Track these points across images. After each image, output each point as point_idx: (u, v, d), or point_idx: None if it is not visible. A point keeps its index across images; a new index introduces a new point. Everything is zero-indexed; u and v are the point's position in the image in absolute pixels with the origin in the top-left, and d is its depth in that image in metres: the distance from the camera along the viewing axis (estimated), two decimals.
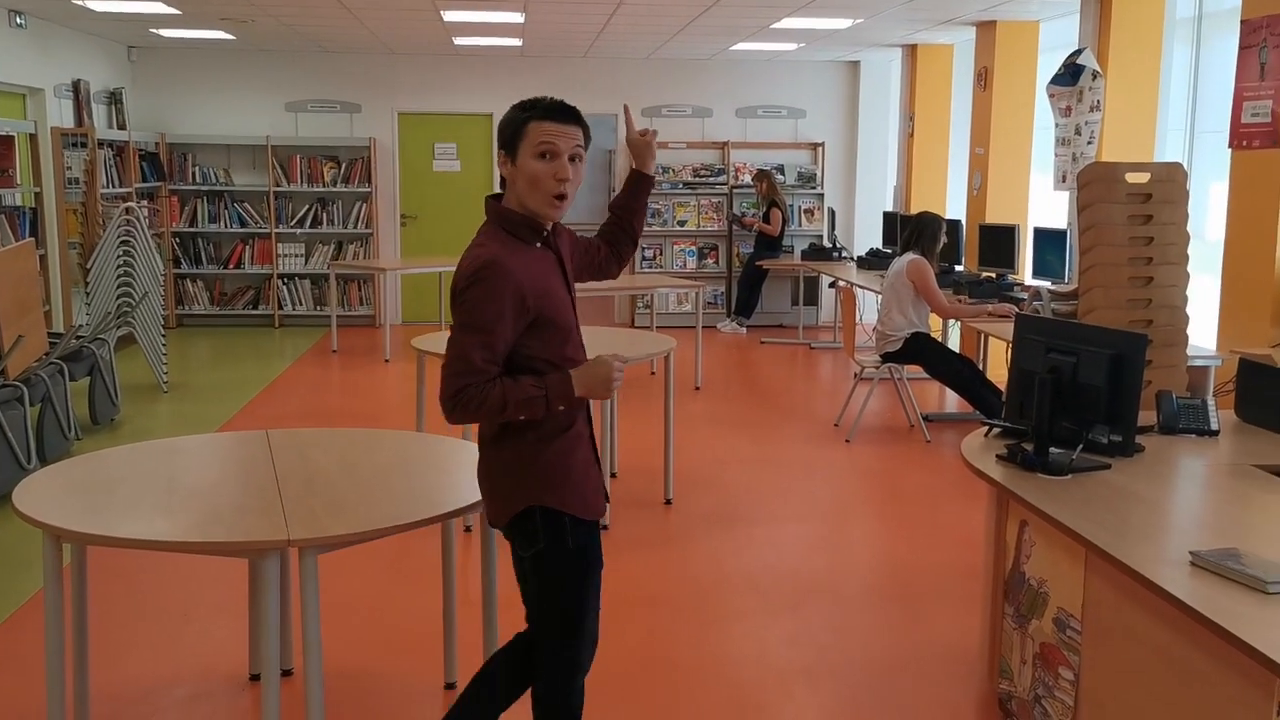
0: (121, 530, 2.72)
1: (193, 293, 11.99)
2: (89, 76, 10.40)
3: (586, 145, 2.66)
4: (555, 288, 2.63)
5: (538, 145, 2.55)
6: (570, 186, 2.58)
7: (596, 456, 2.75)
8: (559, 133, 2.58)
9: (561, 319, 2.63)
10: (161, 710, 3.62)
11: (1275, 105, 5.32)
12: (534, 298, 2.54)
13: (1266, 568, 2.38)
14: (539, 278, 2.58)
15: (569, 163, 2.58)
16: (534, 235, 2.64)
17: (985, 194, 9.26)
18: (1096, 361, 3.22)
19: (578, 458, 2.68)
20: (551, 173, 2.56)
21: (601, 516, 2.75)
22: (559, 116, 2.60)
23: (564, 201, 2.59)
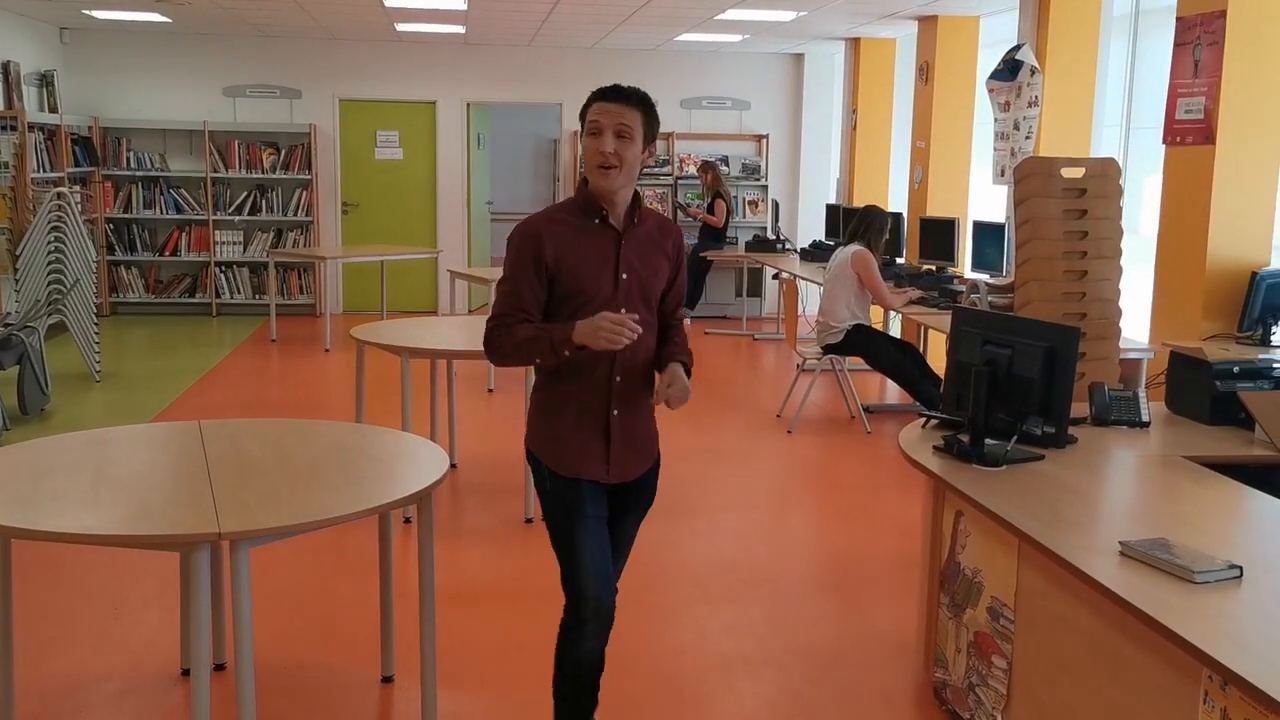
0: (47, 523, 2.66)
1: (127, 280, 11.77)
2: (19, 58, 10.15)
3: (649, 128, 2.83)
4: (590, 259, 2.83)
5: (589, 124, 2.81)
6: (615, 158, 2.77)
7: (608, 432, 2.91)
8: (604, 110, 2.80)
9: (586, 288, 2.82)
10: (90, 706, 3.55)
11: (1208, 102, 5.42)
12: (554, 259, 2.81)
13: (1194, 558, 2.42)
14: (574, 246, 2.82)
15: (613, 138, 2.77)
16: (585, 213, 2.86)
17: (926, 187, 9.35)
18: (1031, 354, 3.26)
19: (564, 421, 2.93)
20: (597, 147, 2.78)
21: (585, 479, 2.92)
22: (607, 96, 2.83)
23: (611, 171, 2.78)
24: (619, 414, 2.92)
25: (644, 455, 3.02)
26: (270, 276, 10.99)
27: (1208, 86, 5.42)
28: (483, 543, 5.12)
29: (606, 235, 2.87)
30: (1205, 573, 2.36)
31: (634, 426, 2.96)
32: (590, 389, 2.90)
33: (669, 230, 3.01)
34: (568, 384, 2.91)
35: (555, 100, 12.36)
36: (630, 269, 2.87)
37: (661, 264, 2.93)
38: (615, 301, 2.83)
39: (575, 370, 2.87)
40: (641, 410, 2.98)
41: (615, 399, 2.91)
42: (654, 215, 3.00)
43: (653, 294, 2.92)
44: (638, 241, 2.89)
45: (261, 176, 11.72)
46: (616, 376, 2.90)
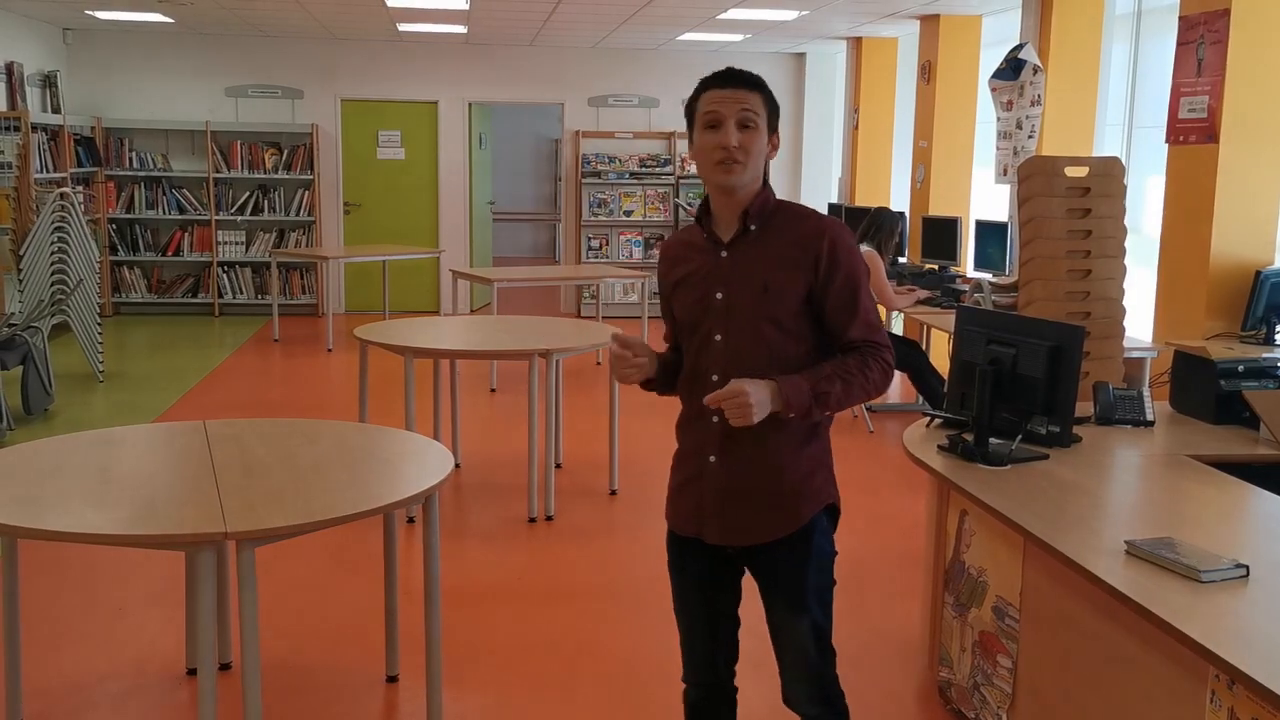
0: (54, 523, 2.66)
1: (130, 280, 11.77)
2: (23, 59, 10.15)
3: (770, 114, 2.39)
4: (691, 278, 2.46)
5: (703, 117, 2.37)
6: (740, 153, 2.33)
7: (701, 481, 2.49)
8: (722, 98, 2.35)
9: (685, 312, 2.48)
10: (95, 705, 3.55)
11: (1212, 101, 5.42)
12: (663, 284, 2.56)
13: (1200, 557, 2.42)
14: (680, 266, 2.50)
15: (737, 129, 2.33)
16: (697, 226, 2.50)
17: (928, 187, 9.35)
18: (1035, 353, 3.26)
19: (677, 476, 2.56)
20: (716, 142, 2.34)
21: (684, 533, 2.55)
22: (723, 81, 2.37)
23: (735, 167, 2.34)
24: (717, 461, 2.45)
25: (764, 516, 2.45)
26: (272, 276, 11.00)
27: (1211, 85, 5.41)
28: (486, 542, 5.13)
29: (709, 248, 2.45)
30: (1211, 572, 2.35)
31: (743, 477, 2.44)
32: (691, 428, 2.52)
33: (817, 231, 2.40)
34: (682, 417, 2.55)
35: (557, 100, 12.36)
36: (728, 286, 2.40)
37: (785, 274, 2.37)
38: (704, 327, 2.43)
39: (686, 403, 2.52)
40: (760, 460, 2.43)
41: (713, 443, 2.45)
42: (794, 212, 2.46)
43: (763, 313, 2.38)
44: (750, 251, 2.41)
45: (264, 176, 11.73)
46: (713, 415, 2.40)
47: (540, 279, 9.97)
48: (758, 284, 2.38)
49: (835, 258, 2.37)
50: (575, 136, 12.28)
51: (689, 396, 2.48)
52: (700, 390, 2.41)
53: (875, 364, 2.39)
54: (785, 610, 2.50)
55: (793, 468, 2.45)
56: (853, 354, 2.39)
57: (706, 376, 2.42)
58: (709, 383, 2.39)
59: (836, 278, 2.38)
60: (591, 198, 12.30)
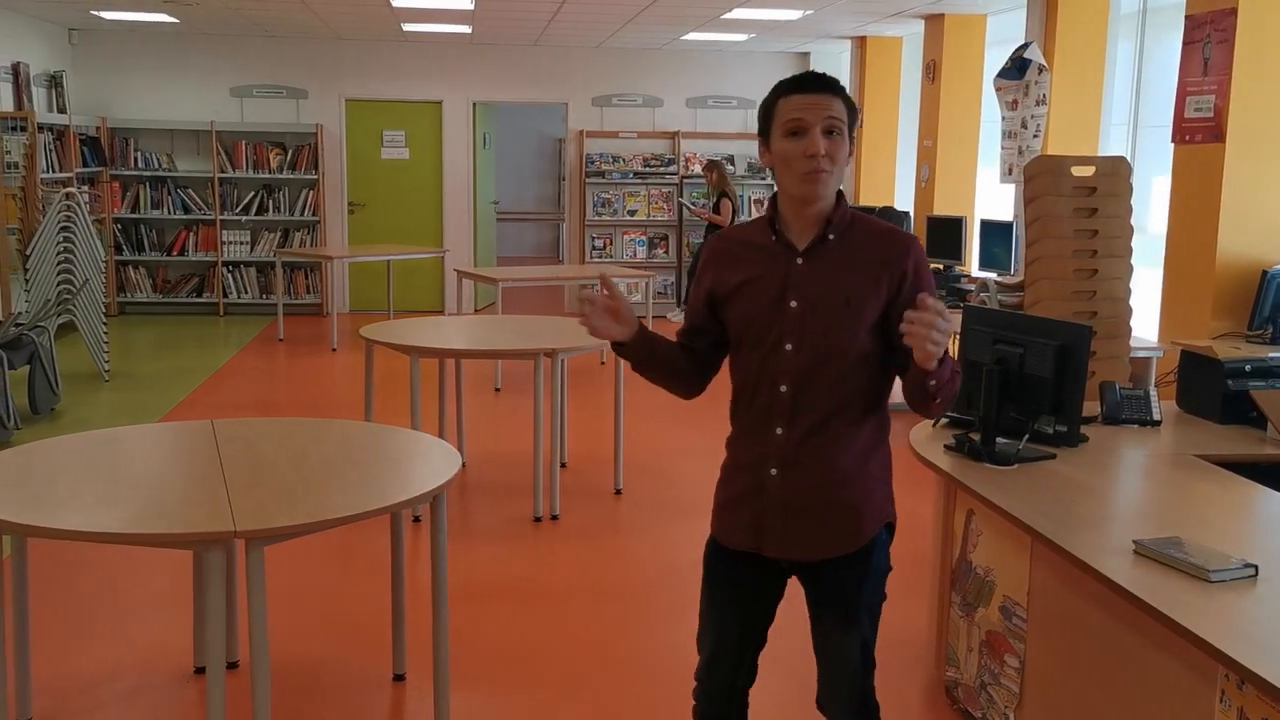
0: (64, 522, 2.67)
1: (135, 280, 11.79)
2: (28, 59, 10.17)
3: (852, 121, 2.33)
4: (755, 284, 2.37)
5: (785, 123, 2.29)
6: (826, 161, 2.27)
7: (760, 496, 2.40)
8: (806, 104, 2.28)
9: (746, 318, 2.38)
10: (104, 703, 3.56)
11: (1218, 100, 5.42)
12: (715, 283, 2.44)
13: (1208, 556, 2.42)
14: (739, 270, 2.40)
15: (823, 136, 2.26)
16: (763, 228, 2.41)
17: (933, 186, 9.35)
18: (1042, 352, 3.26)
19: (726, 472, 2.50)
20: (801, 150, 2.27)
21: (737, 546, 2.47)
22: (807, 86, 2.30)
23: (824, 175, 2.28)
24: (779, 474, 2.36)
25: (827, 532, 2.40)
26: (277, 276, 11.01)
27: (1217, 84, 5.41)
28: (492, 542, 5.13)
29: (779, 253, 2.37)
30: (1220, 571, 2.36)
31: (805, 494, 2.37)
32: (752, 437, 2.42)
33: (892, 243, 2.36)
34: (737, 430, 2.47)
35: (561, 100, 12.36)
36: (804, 295, 2.33)
37: (867, 287, 2.32)
38: (773, 335, 2.34)
39: (743, 413, 2.43)
40: (824, 475, 2.37)
41: (776, 456, 2.36)
42: (873, 225, 2.41)
43: (842, 326, 2.32)
44: (828, 260, 2.35)
45: (268, 176, 11.74)
46: (777, 428, 2.35)
47: (545, 279, 9.98)
48: (838, 295, 2.32)
49: (919, 275, 2.35)
50: (579, 136, 12.29)
51: (748, 407, 2.39)
52: (764, 401, 2.35)
53: (959, 375, 2.35)
54: (836, 624, 2.49)
55: (857, 484, 2.40)
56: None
57: (774, 387, 2.34)
58: (776, 393, 2.33)
59: (918, 293, 2.30)
60: (595, 197, 12.31)
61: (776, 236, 2.37)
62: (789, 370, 2.33)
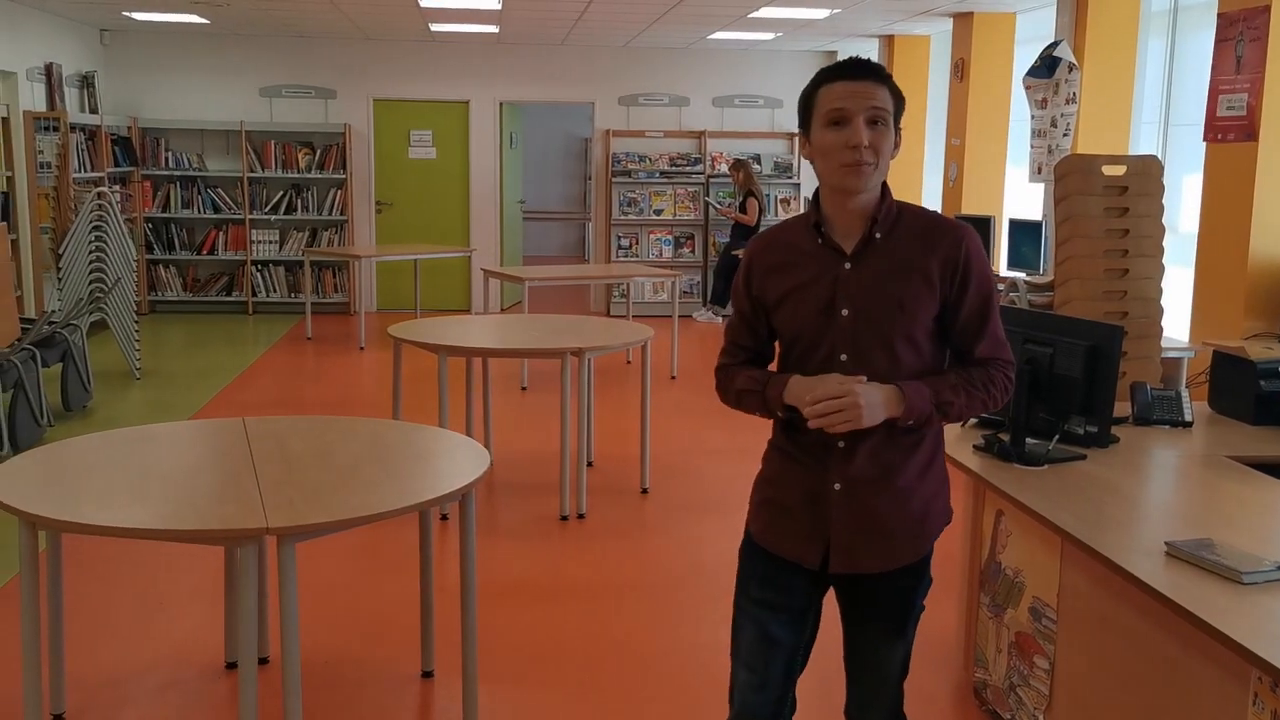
0: (99, 518, 2.70)
1: (165, 279, 11.89)
2: (61, 60, 10.28)
3: (898, 109, 2.20)
4: (803, 289, 2.24)
5: (826, 113, 2.16)
6: (870, 153, 2.14)
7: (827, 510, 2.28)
8: (848, 93, 2.15)
9: (797, 327, 2.25)
10: (136, 698, 3.60)
11: (1251, 99, 5.37)
12: (761, 289, 2.29)
13: (1241, 558, 2.40)
14: (785, 274, 2.26)
15: (866, 126, 2.14)
16: (806, 229, 2.27)
17: (961, 185, 9.30)
18: (1073, 353, 3.24)
19: (775, 486, 2.37)
20: (843, 141, 2.14)
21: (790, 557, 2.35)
22: (849, 73, 2.17)
23: (865, 168, 2.15)
24: (843, 489, 2.26)
25: (893, 545, 2.32)
26: (305, 275, 11.08)
27: (1250, 83, 5.36)
28: (519, 540, 5.15)
29: (826, 257, 2.23)
30: (1253, 573, 2.34)
31: (871, 508, 2.28)
32: (808, 453, 2.29)
33: (941, 235, 2.23)
34: (790, 440, 2.33)
35: (587, 99, 12.38)
36: (854, 301, 2.20)
37: (920, 289, 2.20)
38: (825, 347, 2.22)
39: (795, 426, 2.28)
40: (888, 487, 2.27)
41: (838, 469, 2.26)
42: (920, 218, 2.27)
43: (897, 332, 2.21)
44: (878, 262, 2.21)
45: (297, 176, 11.82)
46: (839, 441, 2.24)
47: (571, 278, 10.00)
48: (890, 300, 2.19)
49: (970, 268, 2.22)
50: (605, 135, 12.30)
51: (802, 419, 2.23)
52: None
53: (1000, 379, 2.27)
54: (885, 636, 2.42)
55: (920, 493, 2.31)
56: (977, 368, 2.26)
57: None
58: None
59: (970, 290, 2.23)
60: (621, 196, 12.32)
61: (822, 239, 2.24)
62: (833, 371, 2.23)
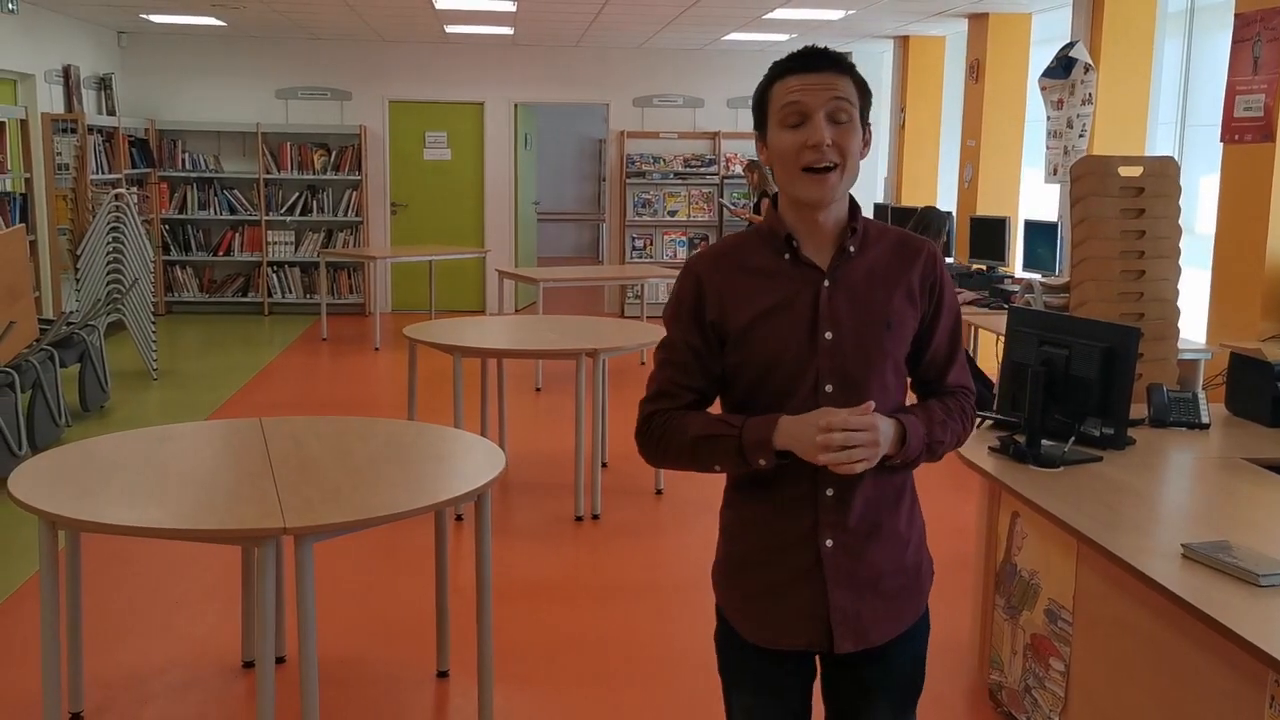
0: (117, 517, 2.72)
1: (182, 280, 11.95)
2: (79, 62, 10.34)
3: (864, 103, 1.91)
4: (774, 313, 1.93)
5: (782, 110, 1.88)
6: (835, 152, 1.86)
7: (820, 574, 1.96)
8: (805, 86, 1.86)
9: (769, 354, 1.92)
10: (154, 696, 3.62)
11: (1268, 99, 5.34)
12: (721, 313, 1.94)
13: (1258, 560, 2.40)
14: (749, 295, 1.94)
15: (828, 123, 1.86)
16: (769, 245, 1.97)
17: (976, 186, 9.28)
18: (1089, 354, 3.24)
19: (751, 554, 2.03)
20: (801, 141, 1.86)
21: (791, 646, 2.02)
22: (805, 64, 1.88)
23: (829, 175, 1.87)
24: (836, 545, 1.95)
25: (896, 606, 2.02)
26: (321, 276, 11.12)
27: (1268, 83, 5.34)
28: (534, 540, 5.16)
29: (800, 275, 1.94)
30: (1270, 575, 2.33)
31: (869, 563, 1.98)
32: (787, 506, 1.97)
33: (915, 250, 1.99)
34: (757, 498, 2.01)
35: (602, 100, 12.39)
36: (838, 323, 1.92)
37: (902, 306, 1.95)
38: (808, 379, 1.92)
39: (769, 479, 1.96)
40: (883, 537, 1.99)
41: (828, 522, 1.95)
42: (887, 231, 2.02)
43: (885, 355, 1.95)
44: (855, 279, 1.95)
45: (312, 177, 11.86)
46: (826, 489, 1.94)
47: (585, 279, 10.01)
48: (879, 320, 1.93)
49: (944, 286, 2.01)
50: (620, 137, 12.31)
51: (780, 468, 1.91)
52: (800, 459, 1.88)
53: (971, 412, 2.06)
54: (894, 711, 2.11)
55: (911, 541, 2.05)
56: (951, 398, 2.04)
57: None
58: None
59: (944, 311, 2.02)
60: (636, 198, 12.33)
61: (791, 255, 1.95)
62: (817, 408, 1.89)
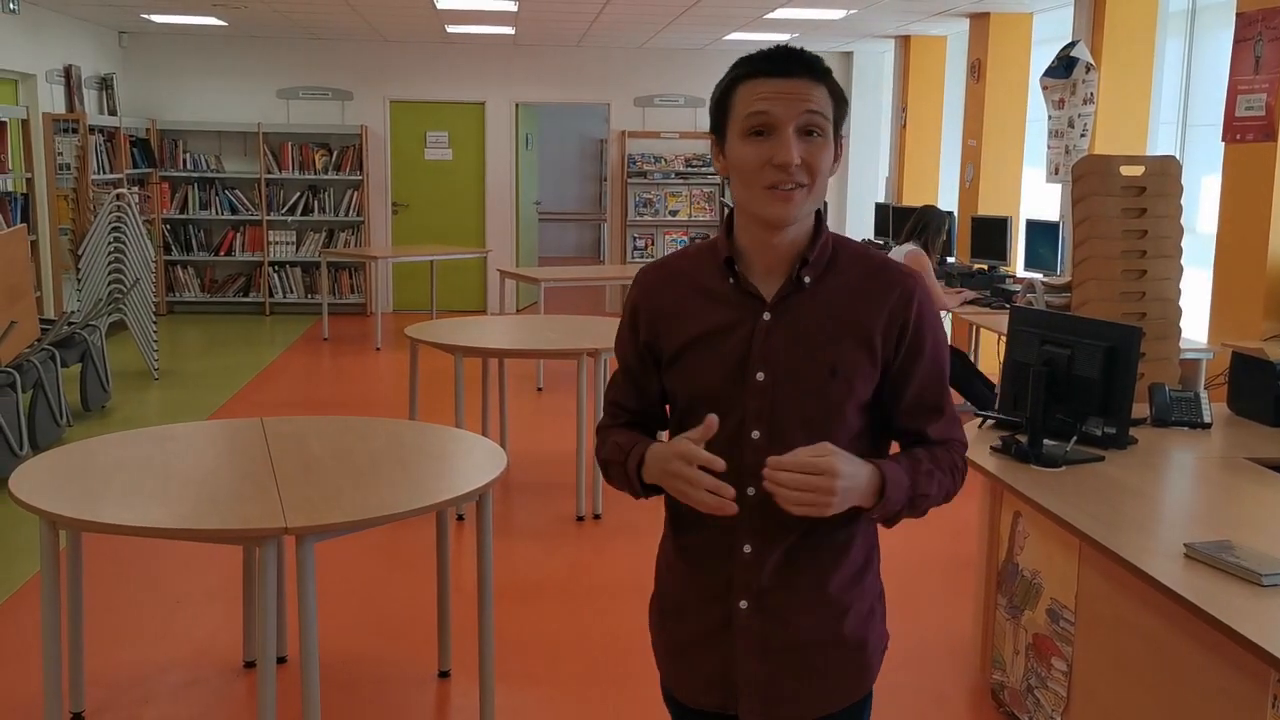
0: (119, 517, 2.72)
1: (183, 280, 11.95)
2: (80, 62, 10.34)
3: (838, 115, 1.69)
4: (709, 344, 1.72)
5: (747, 119, 1.65)
6: (803, 172, 1.64)
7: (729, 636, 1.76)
8: (776, 94, 1.63)
9: (700, 388, 1.74)
10: (156, 696, 3.62)
11: (1270, 99, 5.34)
12: (654, 336, 1.77)
13: (1260, 560, 2.39)
14: (687, 319, 1.74)
15: (798, 138, 1.63)
16: (716, 264, 1.75)
17: (977, 186, 9.28)
18: (1091, 354, 3.23)
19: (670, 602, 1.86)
20: (766, 156, 1.64)
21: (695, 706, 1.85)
22: (777, 68, 1.65)
23: (796, 194, 1.65)
24: (752, 606, 1.74)
25: (825, 683, 1.79)
26: (322, 276, 11.12)
27: (1269, 83, 5.34)
28: (535, 540, 5.16)
29: (739, 303, 1.72)
30: (1272, 575, 2.33)
31: (791, 630, 1.75)
32: (708, 556, 1.78)
33: (888, 285, 1.73)
34: (677, 542, 1.85)
35: (603, 100, 12.39)
36: (773, 363, 1.70)
37: (854, 351, 1.70)
38: (733, 420, 1.70)
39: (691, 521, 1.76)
40: (814, 599, 1.75)
41: (745, 582, 1.74)
42: (861, 260, 1.76)
43: (829, 405, 1.71)
44: (803, 313, 1.71)
45: (314, 177, 11.86)
46: (744, 544, 1.73)
47: (587, 279, 10.01)
48: (822, 365, 1.70)
49: (923, 329, 1.73)
50: (621, 137, 12.31)
51: (700, 514, 1.67)
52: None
53: (962, 466, 1.81)
54: None
55: (856, 607, 1.79)
56: (941, 449, 1.78)
57: (738, 489, 1.65)
58: (742, 497, 1.67)
59: (922, 357, 1.75)
60: (637, 198, 12.33)
61: (735, 279, 1.73)
62: (758, 467, 1.63)
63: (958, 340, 8.87)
